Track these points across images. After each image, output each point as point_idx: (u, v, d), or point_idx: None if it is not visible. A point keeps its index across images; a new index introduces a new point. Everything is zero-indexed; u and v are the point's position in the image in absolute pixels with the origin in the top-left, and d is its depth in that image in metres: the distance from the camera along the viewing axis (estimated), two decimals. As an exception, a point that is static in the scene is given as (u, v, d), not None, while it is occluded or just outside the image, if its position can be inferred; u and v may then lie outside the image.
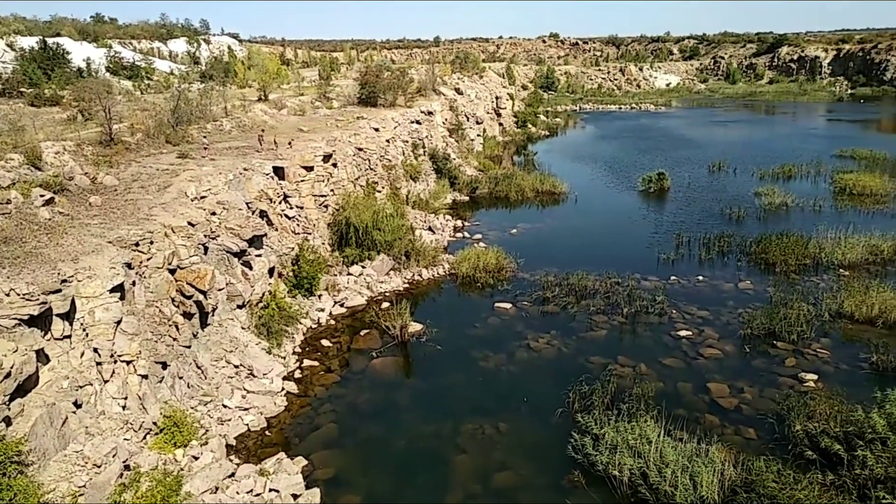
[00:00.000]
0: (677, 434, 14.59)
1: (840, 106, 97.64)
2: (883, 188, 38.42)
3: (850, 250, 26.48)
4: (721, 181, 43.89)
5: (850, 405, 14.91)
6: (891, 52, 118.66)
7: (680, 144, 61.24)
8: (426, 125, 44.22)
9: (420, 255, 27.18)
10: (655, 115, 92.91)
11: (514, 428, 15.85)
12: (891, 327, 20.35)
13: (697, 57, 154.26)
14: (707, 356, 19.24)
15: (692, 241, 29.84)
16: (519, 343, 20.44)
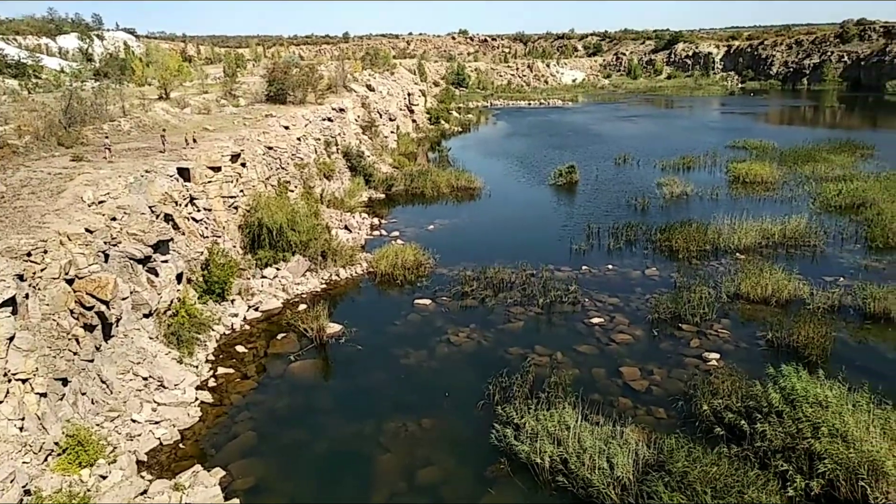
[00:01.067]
0: (594, 418, 15.10)
1: (732, 99, 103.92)
2: (772, 176, 41.18)
3: (745, 235, 28.23)
4: (626, 173, 45.75)
5: (750, 381, 15.88)
6: (776, 48, 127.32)
7: (587, 138, 63.34)
8: (338, 122, 43.63)
9: (337, 255, 26.83)
10: (563, 110, 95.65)
11: (437, 423, 15.93)
12: (783, 306, 21.86)
13: (601, 53, 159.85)
14: (619, 341, 20.02)
15: (601, 232, 30.95)
16: (439, 338, 20.56)
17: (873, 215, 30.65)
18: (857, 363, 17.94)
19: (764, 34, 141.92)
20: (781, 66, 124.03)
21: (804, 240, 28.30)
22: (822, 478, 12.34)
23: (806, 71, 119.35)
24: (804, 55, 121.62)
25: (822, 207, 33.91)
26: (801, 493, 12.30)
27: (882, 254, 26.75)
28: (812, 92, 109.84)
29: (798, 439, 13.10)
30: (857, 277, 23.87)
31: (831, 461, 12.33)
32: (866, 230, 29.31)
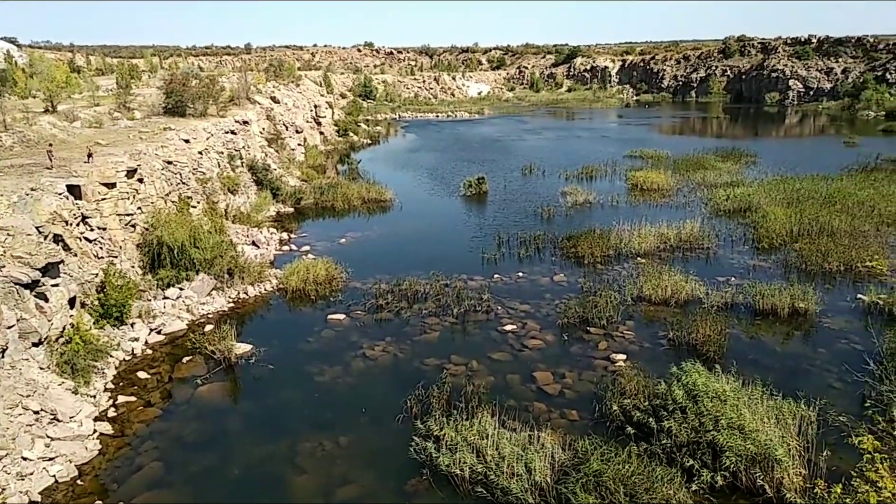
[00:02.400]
0: (511, 425, 15.31)
1: (628, 111, 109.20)
2: (667, 184, 43.51)
3: (645, 240, 29.64)
4: (533, 183, 47.01)
5: (655, 380, 16.59)
6: (666, 63, 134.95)
7: (495, 150, 64.65)
8: (242, 135, 42.38)
9: (245, 272, 25.96)
10: (470, 122, 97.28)
11: (354, 440, 15.67)
12: (682, 306, 23.07)
13: (504, 67, 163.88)
14: (531, 347, 20.46)
15: (511, 241, 31.61)
16: (355, 353, 20.27)
17: (759, 218, 32.98)
18: (749, 357, 19.21)
19: (655, 49, 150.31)
20: (672, 80, 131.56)
21: (698, 243, 30.03)
22: (726, 470, 13.06)
23: (694, 84, 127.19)
24: (692, 69, 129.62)
25: (713, 212, 36.13)
26: (706, 486, 12.95)
27: (767, 254, 28.81)
28: (700, 104, 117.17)
29: (701, 433, 13.81)
30: (747, 277, 25.58)
31: (732, 453, 13.07)
32: (753, 232, 31.50)
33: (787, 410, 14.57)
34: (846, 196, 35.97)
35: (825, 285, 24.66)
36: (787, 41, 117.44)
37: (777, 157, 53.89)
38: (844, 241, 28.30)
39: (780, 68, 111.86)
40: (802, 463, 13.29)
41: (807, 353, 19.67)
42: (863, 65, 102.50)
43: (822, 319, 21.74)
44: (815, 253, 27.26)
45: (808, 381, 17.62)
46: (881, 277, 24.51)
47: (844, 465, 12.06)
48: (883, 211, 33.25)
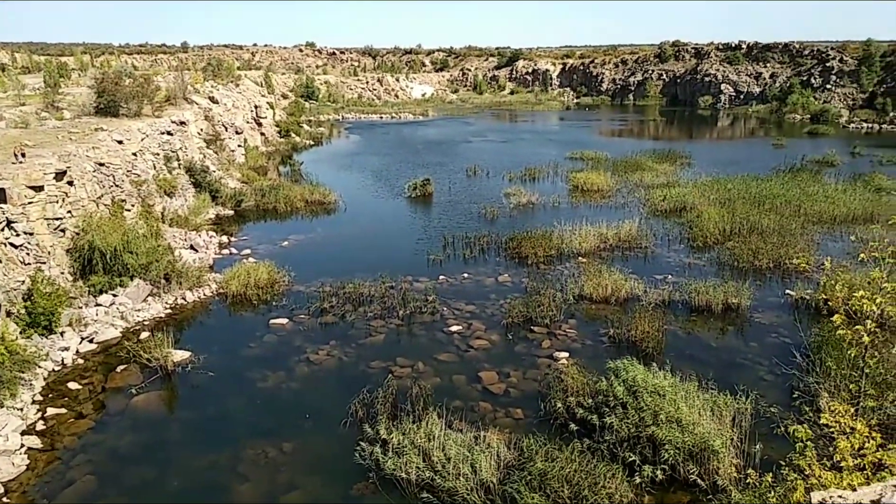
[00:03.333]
0: (457, 426, 15.37)
1: (569, 114, 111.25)
2: (607, 184, 44.54)
3: (586, 240, 30.25)
4: (477, 184, 47.34)
5: (596, 376, 16.93)
6: (605, 67, 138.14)
7: (440, 151, 64.81)
8: (179, 136, 41.14)
9: (182, 277, 25.20)
10: (415, 123, 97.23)
11: (299, 446, 15.42)
12: (621, 304, 23.65)
13: (447, 69, 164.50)
14: (477, 347, 20.59)
15: (456, 242, 31.74)
16: (299, 358, 19.95)
17: (693, 218, 34.14)
18: (686, 352, 19.85)
19: (594, 53, 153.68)
20: (610, 83, 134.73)
21: (636, 242, 30.85)
22: (665, 463, 13.44)
23: (631, 87, 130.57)
24: (629, 73, 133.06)
25: (650, 212, 37.19)
26: (647, 480, 13.30)
27: (702, 252, 29.85)
28: (637, 107, 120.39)
29: (641, 428, 14.17)
30: (683, 275, 26.43)
31: (671, 446, 13.47)
32: (688, 232, 32.59)
33: (723, 403, 15.10)
34: (775, 196, 37.62)
35: (756, 282, 25.71)
36: (718, 47, 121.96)
37: (710, 159, 55.92)
38: (773, 240, 29.56)
39: (712, 73, 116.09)
40: (737, 454, 13.82)
41: (740, 347, 20.48)
42: (789, 70, 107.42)
43: (754, 315, 22.67)
44: (747, 251, 28.38)
45: (741, 374, 18.33)
46: (807, 273, 25.72)
47: (776, 455, 12.57)
48: (808, 210, 34.94)
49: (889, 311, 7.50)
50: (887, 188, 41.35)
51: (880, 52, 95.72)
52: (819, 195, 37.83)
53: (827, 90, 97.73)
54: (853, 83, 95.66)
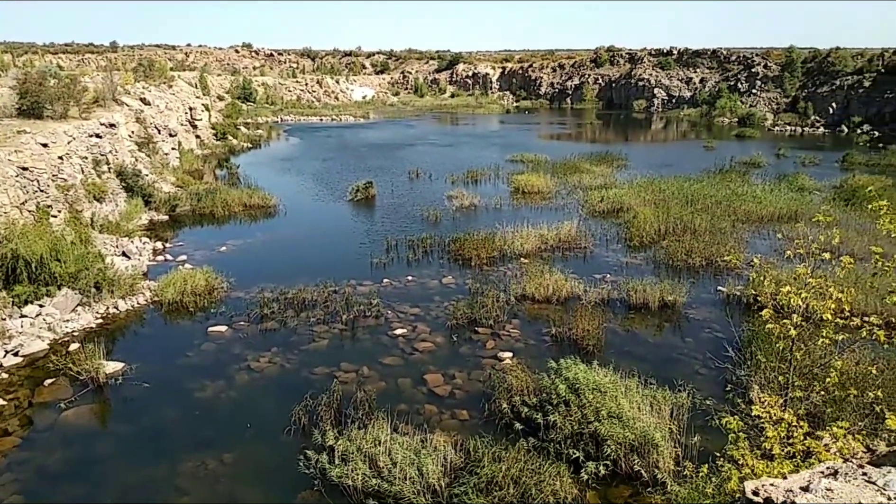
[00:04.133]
0: (403, 429, 15.29)
1: (509, 117, 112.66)
2: (547, 186, 45.27)
3: (527, 241, 30.66)
4: (420, 187, 47.36)
5: (540, 375, 17.16)
6: (543, 71, 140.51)
7: (382, 154, 64.54)
8: (109, 139, 39.55)
9: (115, 285, 24.21)
10: (356, 126, 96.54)
11: (240, 457, 15.02)
12: (562, 303, 24.07)
13: (388, 71, 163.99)
14: (422, 350, 20.56)
15: (400, 245, 31.64)
16: (239, 366, 19.45)
17: (630, 218, 35.08)
18: (625, 349, 20.36)
19: (532, 57, 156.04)
20: (549, 87, 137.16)
21: (576, 242, 31.47)
22: (608, 458, 13.73)
23: (569, 91, 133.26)
24: (567, 77, 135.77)
25: (589, 213, 38.01)
26: (592, 476, 13.55)
27: (638, 251, 30.70)
28: (575, 110, 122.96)
29: (584, 425, 14.44)
30: (621, 273, 27.12)
31: (613, 441, 13.78)
32: (625, 232, 33.46)
33: (661, 398, 15.54)
34: (706, 196, 39.07)
35: (690, 279, 26.62)
36: (651, 52, 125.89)
37: (645, 161, 57.62)
38: (706, 238, 30.67)
39: (646, 77, 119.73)
40: (676, 446, 14.24)
41: (676, 342, 21.14)
42: (718, 75, 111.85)
43: (689, 311, 23.45)
44: (681, 250, 29.34)
45: (678, 368, 18.93)
46: (737, 270, 26.80)
47: (712, 446, 13.01)
48: (738, 209, 36.42)
49: (814, 306, 7.88)
50: (809, 188, 43.57)
51: (801, 59, 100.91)
52: (747, 195, 39.47)
53: (753, 95, 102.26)
54: (777, 88, 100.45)
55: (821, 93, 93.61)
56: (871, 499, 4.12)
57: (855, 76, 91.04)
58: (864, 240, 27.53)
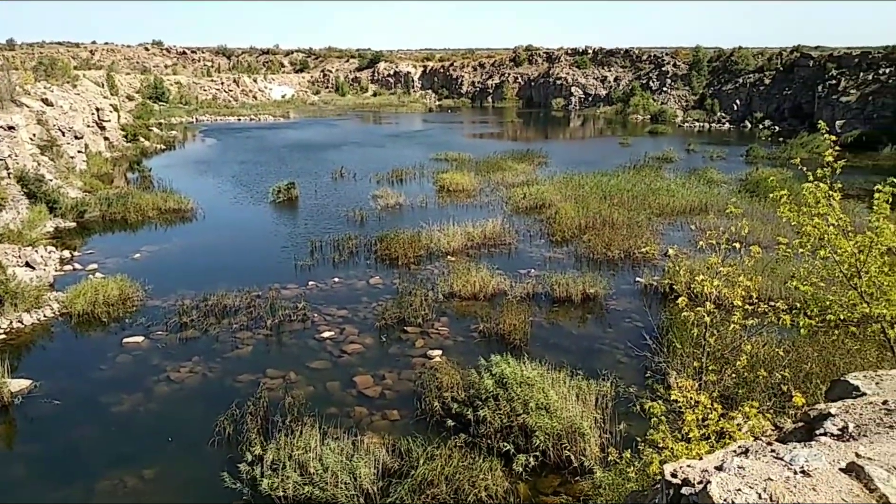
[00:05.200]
0: (334, 433, 15.04)
1: (432, 116, 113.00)
2: (471, 184, 45.72)
3: (453, 239, 30.87)
4: (344, 187, 46.82)
5: (469, 371, 17.31)
6: (464, 70, 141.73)
7: (304, 154, 63.39)
8: (7, 142, 37.04)
9: (18, 298, 22.69)
10: (276, 126, 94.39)
11: (162, 472, 14.40)
12: (489, 299, 24.38)
13: (308, 70, 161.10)
14: (350, 352, 20.34)
15: (324, 246, 31.17)
16: (157, 377, 18.64)
17: (552, 214, 35.91)
18: (551, 342, 20.85)
19: (453, 56, 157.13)
20: (470, 86, 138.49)
21: (501, 239, 31.93)
22: (537, 450, 14.01)
23: (490, 90, 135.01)
24: (487, 76, 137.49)
25: (512, 210, 38.65)
26: (522, 468, 13.78)
27: (561, 246, 31.48)
28: (496, 108, 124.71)
29: (513, 418, 14.68)
30: (545, 268, 27.71)
31: (542, 432, 14.07)
32: (547, 227, 34.24)
33: (586, 387, 15.99)
34: (623, 191, 40.48)
35: (610, 271, 27.52)
36: (567, 51, 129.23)
37: (565, 158, 59.12)
38: (623, 232, 31.78)
39: (563, 76, 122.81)
40: (602, 434, 14.70)
41: (598, 333, 21.82)
42: (630, 74, 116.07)
43: (610, 302, 24.25)
44: (601, 243, 30.28)
45: (602, 358, 19.55)
46: (654, 261, 27.92)
47: (635, 432, 13.50)
48: (652, 203, 37.92)
49: (725, 293, 8.30)
50: (718, 181, 45.93)
51: (707, 58, 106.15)
52: (661, 189, 41.17)
53: (664, 92, 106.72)
54: (686, 86, 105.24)
55: (726, 90, 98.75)
56: (779, 474, 4.37)
57: (756, 74, 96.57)
58: (769, 229, 29.27)
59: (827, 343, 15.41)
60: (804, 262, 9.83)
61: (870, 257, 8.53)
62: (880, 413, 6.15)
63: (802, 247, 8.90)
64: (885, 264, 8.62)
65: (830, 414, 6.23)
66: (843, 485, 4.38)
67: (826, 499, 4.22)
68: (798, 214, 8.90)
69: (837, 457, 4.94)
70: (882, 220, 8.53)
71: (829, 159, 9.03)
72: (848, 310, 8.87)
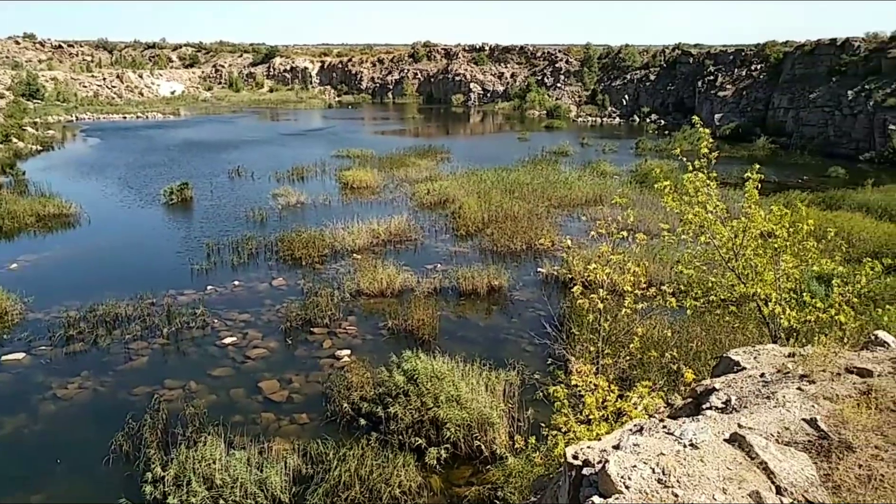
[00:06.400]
0: (240, 442, 14.58)
1: (332, 112, 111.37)
2: (375, 181, 45.49)
3: (359, 237, 30.63)
4: (242, 186, 45.30)
5: (379, 369, 17.25)
6: (363, 65, 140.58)
7: (198, 153, 60.75)
8: None
9: None
10: (166, 124, 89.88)
11: (51, 496, 13.42)
12: (397, 296, 24.38)
13: (198, 65, 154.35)
14: (254, 357, 19.75)
15: (222, 248, 30.04)
16: (43, 396, 17.33)
17: (456, 209, 36.35)
18: (459, 334, 21.15)
19: (351, 52, 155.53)
20: (370, 82, 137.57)
21: (407, 235, 32.01)
22: (448, 442, 14.18)
23: (390, 86, 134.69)
24: (387, 72, 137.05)
25: (417, 206, 38.81)
26: (434, 461, 13.91)
27: (465, 240, 31.95)
28: (397, 104, 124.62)
29: (424, 412, 14.78)
30: (451, 262, 28.05)
31: (453, 425, 14.26)
32: (452, 222, 34.65)
33: (494, 378, 16.34)
34: (523, 184, 41.57)
35: (514, 263, 28.24)
36: (465, 48, 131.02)
37: (466, 153, 59.99)
38: (524, 224, 32.66)
39: (461, 72, 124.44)
40: (511, 422, 15.08)
41: (504, 324, 22.35)
42: (526, 70, 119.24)
43: (513, 293, 24.89)
44: (503, 236, 30.99)
45: (508, 348, 20.05)
46: (553, 252, 28.89)
47: (541, 418, 13.96)
48: (551, 195, 39.19)
49: (616, 279, 8.74)
50: (610, 173, 48.15)
51: (597, 55, 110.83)
52: (559, 182, 42.63)
53: (558, 88, 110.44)
54: (578, 82, 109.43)
55: (615, 86, 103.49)
56: (670, 448, 4.67)
57: (642, 71, 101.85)
58: (659, 217, 30.98)
59: (713, 322, 16.56)
60: (688, 248, 10.51)
61: (745, 241, 9.25)
62: (759, 385, 6.70)
63: (685, 233, 9.54)
64: (759, 247, 9.37)
65: (715, 389, 6.73)
66: (727, 454, 4.75)
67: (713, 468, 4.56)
68: (680, 203, 9.51)
69: (722, 428, 5.35)
70: (753, 205, 9.27)
71: (704, 151, 9.70)
72: (728, 290, 9.59)
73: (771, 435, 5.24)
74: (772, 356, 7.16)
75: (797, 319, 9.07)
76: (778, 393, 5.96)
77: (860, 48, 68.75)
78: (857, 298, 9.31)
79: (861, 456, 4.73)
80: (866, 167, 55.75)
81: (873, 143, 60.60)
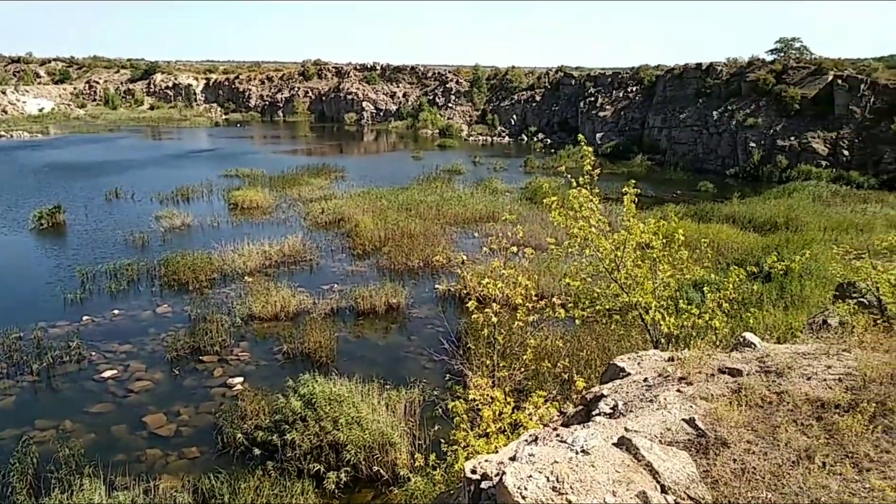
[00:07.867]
0: (122, 482, 13.57)
1: (218, 130, 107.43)
2: (266, 201, 44.24)
3: (250, 258, 29.63)
4: (121, 209, 42.66)
5: (275, 396, 16.67)
6: (251, 83, 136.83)
7: (70, 175, 56.56)
8: None
9: None
10: (33, 143, 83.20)
11: None
12: (292, 318, 23.75)
13: (70, 81, 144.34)
14: (137, 390, 18.53)
15: (99, 275, 28.09)
16: None
17: (352, 228, 36.01)
18: (358, 355, 20.87)
19: (238, 69, 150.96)
20: (259, 100, 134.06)
21: (301, 255, 31.31)
22: (349, 465, 13.89)
23: (280, 104, 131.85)
24: (276, 90, 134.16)
25: (312, 225, 38.10)
26: (334, 486, 13.57)
27: (363, 259, 31.70)
28: (288, 123, 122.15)
29: (322, 436, 14.42)
30: (348, 282, 27.70)
31: (353, 447, 13.99)
32: (348, 241, 34.28)
33: (395, 397, 16.24)
34: (418, 202, 41.87)
35: (411, 280, 28.31)
36: (356, 67, 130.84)
37: (361, 172, 59.69)
38: (421, 241, 32.85)
39: (354, 91, 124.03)
40: (411, 441, 14.99)
41: (403, 342, 22.30)
42: (418, 90, 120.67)
43: (412, 311, 24.92)
44: (400, 254, 31.02)
45: (407, 366, 20.00)
46: (449, 268, 29.19)
47: (443, 434, 13.97)
48: (446, 213, 39.71)
49: (508, 293, 8.96)
50: (502, 190, 49.49)
51: (486, 76, 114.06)
52: (453, 200, 43.29)
53: (449, 108, 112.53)
54: (468, 102, 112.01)
55: (503, 106, 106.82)
56: (563, 456, 4.81)
57: (528, 91, 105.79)
58: (548, 232, 32.13)
59: (601, 331, 17.34)
60: (574, 261, 10.97)
61: (625, 252, 9.78)
62: (642, 389, 7.07)
63: (571, 247, 9.96)
64: (638, 258, 9.94)
65: (603, 395, 7.02)
66: (616, 458, 4.96)
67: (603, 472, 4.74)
68: (566, 218, 9.93)
69: (610, 433, 5.58)
70: (631, 219, 9.84)
71: (587, 168, 10.20)
72: (612, 300, 10.08)
73: (655, 436, 5.53)
74: (654, 361, 7.57)
75: (675, 325, 9.68)
76: (660, 396, 6.31)
77: (722, 72, 74.99)
78: (728, 304, 10.07)
79: (735, 451, 5.09)
80: (732, 181, 60.71)
81: (737, 159, 66.14)
